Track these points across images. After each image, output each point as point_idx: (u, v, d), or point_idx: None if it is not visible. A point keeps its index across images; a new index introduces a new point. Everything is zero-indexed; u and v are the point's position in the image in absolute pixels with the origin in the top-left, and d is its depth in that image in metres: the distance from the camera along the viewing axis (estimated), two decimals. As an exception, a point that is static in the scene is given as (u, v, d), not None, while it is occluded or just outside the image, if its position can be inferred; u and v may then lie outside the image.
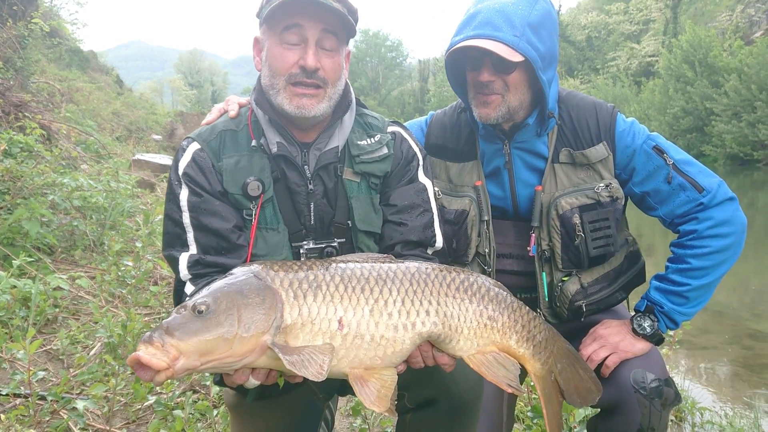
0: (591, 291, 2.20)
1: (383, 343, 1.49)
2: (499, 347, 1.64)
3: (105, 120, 15.21)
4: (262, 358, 1.45)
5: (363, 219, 1.92)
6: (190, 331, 1.39)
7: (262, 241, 1.85)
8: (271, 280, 1.50)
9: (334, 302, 1.48)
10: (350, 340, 1.47)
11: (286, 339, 1.45)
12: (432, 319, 1.55)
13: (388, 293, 1.53)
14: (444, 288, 1.58)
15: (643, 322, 2.11)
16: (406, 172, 2.02)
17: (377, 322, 1.49)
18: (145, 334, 1.38)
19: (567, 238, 2.14)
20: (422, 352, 1.61)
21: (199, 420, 3.08)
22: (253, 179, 1.83)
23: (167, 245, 1.85)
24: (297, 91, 1.82)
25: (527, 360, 1.70)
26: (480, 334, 1.60)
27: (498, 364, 1.60)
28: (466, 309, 1.60)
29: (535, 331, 1.70)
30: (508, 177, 2.23)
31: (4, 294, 3.86)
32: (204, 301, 1.43)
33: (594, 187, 2.14)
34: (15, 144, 5.86)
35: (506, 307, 1.66)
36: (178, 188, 1.84)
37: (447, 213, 2.21)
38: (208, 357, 1.40)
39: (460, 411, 1.90)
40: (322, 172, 1.93)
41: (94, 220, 5.82)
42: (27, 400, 2.81)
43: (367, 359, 1.48)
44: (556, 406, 1.76)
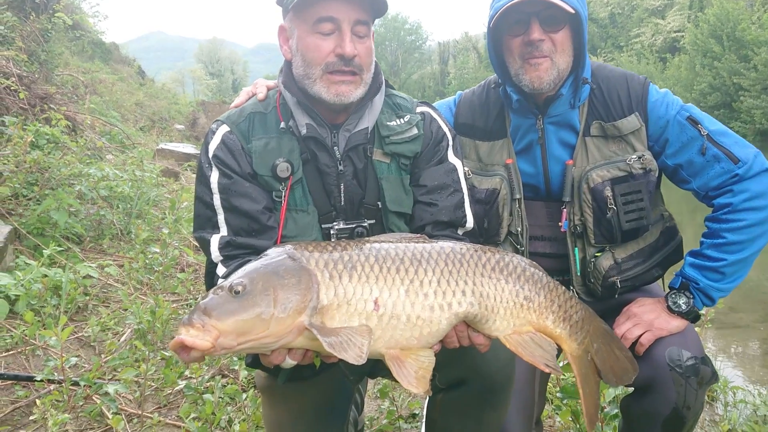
0: (625, 267, 2.16)
1: (419, 324, 1.47)
2: (536, 327, 1.62)
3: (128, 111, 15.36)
4: (299, 339, 1.44)
5: (393, 200, 1.91)
6: (227, 311, 1.38)
7: (292, 223, 1.85)
8: (306, 260, 1.48)
9: (370, 283, 1.47)
10: (386, 320, 1.45)
11: (323, 320, 1.44)
12: (468, 300, 1.53)
13: (424, 273, 1.51)
14: (480, 268, 1.56)
15: (678, 299, 2.06)
16: (435, 152, 2.00)
17: (413, 302, 1.48)
18: (184, 317, 1.39)
19: (599, 211, 2.10)
20: (458, 333, 1.59)
21: (229, 404, 3.11)
22: (282, 161, 1.83)
23: (198, 227, 1.87)
24: (335, 79, 1.82)
25: (563, 340, 1.67)
26: (516, 314, 1.58)
27: (535, 344, 1.58)
28: (502, 289, 1.57)
29: (571, 311, 1.67)
30: (541, 153, 2.19)
31: (35, 283, 3.93)
32: (241, 282, 1.43)
33: (626, 159, 2.09)
34: (41, 136, 5.94)
35: (542, 287, 1.63)
36: (209, 170, 1.85)
37: (477, 193, 2.19)
38: (245, 337, 1.40)
39: (491, 391, 1.89)
40: (352, 153, 1.92)
41: (120, 209, 5.89)
42: (61, 386, 2.86)
43: (403, 340, 1.47)
44: (593, 386, 1.74)
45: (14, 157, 5.10)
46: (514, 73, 2.11)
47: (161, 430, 2.94)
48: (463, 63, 74.32)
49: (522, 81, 2.08)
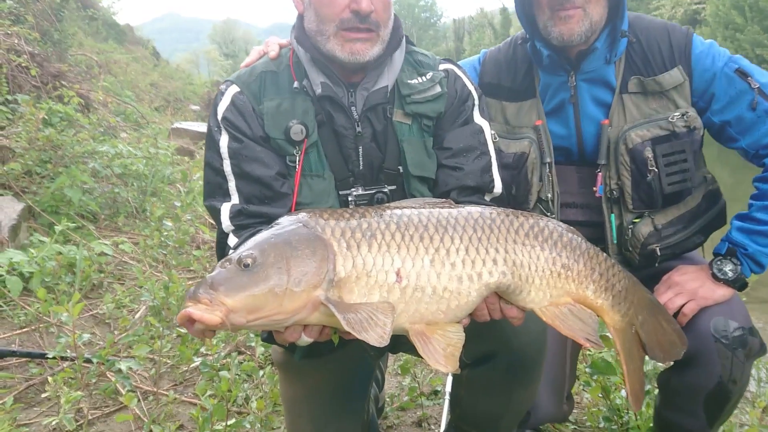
0: (665, 234, 2.02)
1: (446, 296, 1.35)
2: (575, 298, 1.48)
3: (143, 91, 15.31)
4: (314, 315, 1.33)
5: (416, 163, 1.79)
6: (236, 286, 1.27)
7: (307, 189, 1.73)
8: (321, 229, 1.36)
9: (391, 252, 1.34)
10: (410, 293, 1.33)
11: (340, 294, 1.32)
12: (500, 269, 1.40)
13: (450, 241, 1.38)
14: (512, 234, 1.43)
15: (725, 267, 1.93)
16: (460, 112, 1.86)
17: (439, 273, 1.35)
18: (189, 290, 1.28)
19: (638, 174, 1.96)
20: (489, 305, 1.47)
21: (246, 380, 3.05)
22: (296, 123, 1.72)
23: (208, 195, 1.76)
24: (350, 36, 1.70)
25: (605, 312, 1.54)
26: (553, 284, 1.45)
27: (574, 317, 1.45)
28: (538, 257, 1.44)
29: (614, 279, 1.53)
30: (573, 113, 2.04)
31: (49, 260, 3.88)
32: (250, 254, 1.32)
33: (668, 117, 1.94)
34: (54, 114, 5.87)
35: (582, 253, 1.49)
36: (218, 134, 1.74)
37: (505, 157, 2.05)
38: (256, 314, 1.29)
39: (521, 366, 1.79)
40: (371, 114, 1.79)
41: (135, 187, 5.83)
42: (73, 363, 2.80)
43: (429, 314, 1.35)
44: (637, 361, 1.60)
45: (26, 134, 5.04)
46: (543, 25, 1.95)
47: (177, 407, 2.88)
48: (479, 39, 73.11)
49: (551, 34, 1.93)
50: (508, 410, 1.90)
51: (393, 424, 2.81)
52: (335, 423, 1.93)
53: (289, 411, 2.00)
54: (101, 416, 2.76)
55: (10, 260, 3.70)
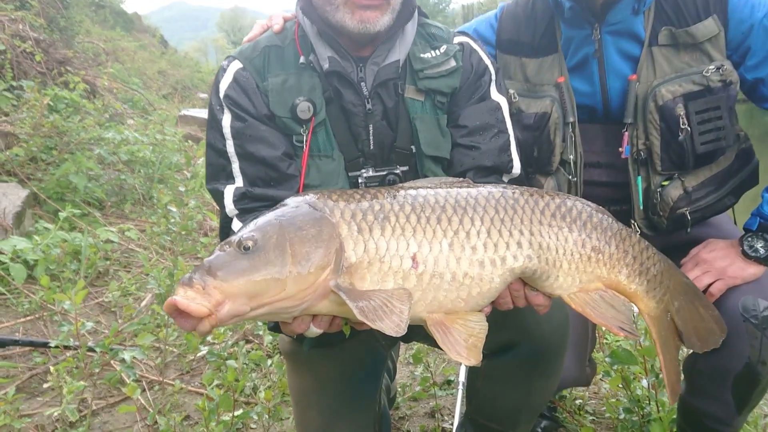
0: (696, 196, 1.89)
1: (467, 283, 1.23)
2: (606, 283, 1.36)
3: (151, 79, 15.24)
4: (323, 303, 1.23)
5: (429, 142, 1.68)
6: (235, 270, 1.17)
7: (315, 170, 1.63)
8: (330, 211, 1.25)
9: (406, 236, 1.23)
10: (427, 279, 1.22)
11: (351, 281, 1.21)
12: (525, 252, 1.28)
13: (471, 223, 1.26)
14: (537, 214, 1.31)
15: (756, 243, 1.80)
16: (477, 87, 1.75)
17: (459, 257, 1.24)
18: (184, 276, 1.17)
19: (668, 133, 1.82)
20: (512, 292, 1.36)
21: (254, 370, 2.98)
22: (303, 100, 1.61)
23: (211, 178, 1.66)
24: (360, 3, 1.58)
25: (639, 298, 1.42)
26: (583, 268, 1.33)
27: (606, 304, 1.33)
28: (566, 239, 1.32)
29: (648, 263, 1.41)
30: (598, 68, 1.90)
31: (54, 248, 3.82)
32: (251, 236, 1.21)
33: (702, 71, 1.79)
34: (60, 100, 5.80)
35: (613, 235, 1.37)
36: (220, 113, 1.64)
37: (525, 118, 1.92)
38: (258, 301, 1.18)
39: (543, 357, 1.69)
40: (381, 90, 1.68)
41: (142, 174, 5.76)
42: (76, 353, 2.73)
43: (448, 302, 1.24)
44: (673, 351, 1.49)
45: (31, 120, 4.97)
46: None
47: (183, 397, 2.81)
48: (488, 25, 72.31)
49: None
50: (528, 402, 1.80)
51: (405, 414, 2.73)
52: (346, 415, 1.84)
53: (297, 403, 1.91)
54: (105, 406, 2.70)
55: (14, 247, 3.64)
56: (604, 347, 3.37)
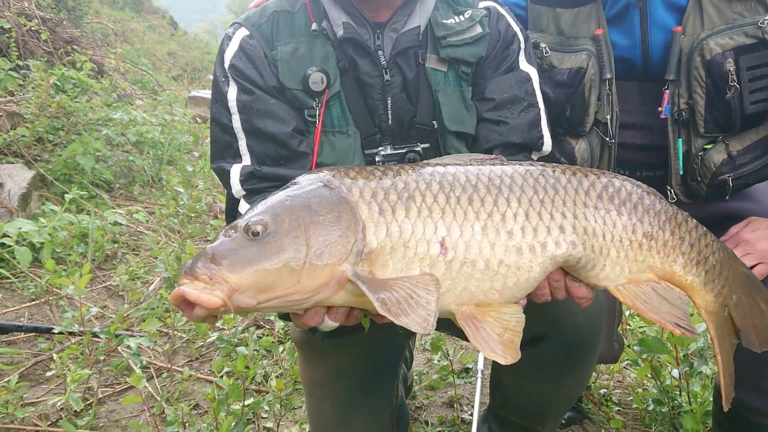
0: (741, 162, 1.75)
1: (502, 272, 1.10)
2: (659, 274, 1.22)
3: (160, 60, 15.12)
4: (339, 294, 1.10)
5: (452, 117, 1.55)
6: (243, 259, 1.05)
7: (329, 147, 1.50)
8: (348, 190, 1.12)
9: (434, 218, 1.10)
10: (457, 267, 1.09)
11: (371, 269, 1.08)
12: (569, 238, 1.14)
13: (506, 204, 1.12)
14: (582, 196, 1.17)
15: None
16: (504, 57, 1.61)
17: (493, 243, 1.10)
18: (186, 264, 1.05)
19: (714, 91, 1.67)
20: (552, 282, 1.22)
21: (264, 357, 2.89)
22: (316, 70, 1.47)
23: (216, 156, 1.54)
24: None
25: (696, 290, 1.27)
26: (633, 256, 1.19)
27: (659, 297, 1.19)
28: (614, 223, 1.18)
29: (707, 251, 1.26)
30: (639, 19, 1.74)
31: (61, 230, 3.72)
32: (260, 220, 1.08)
33: (756, 22, 1.63)
34: (67, 80, 5.68)
35: (668, 219, 1.23)
36: (225, 85, 1.51)
37: (558, 73, 1.78)
38: (268, 293, 1.06)
39: (575, 349, 1.58)
40: (401, 60, 1.55)
41: (150, 155, 5.65)
42: (81, 339, 2.64)
43: (480, 293, 1.10)
44: (729, 350, 1.34)
45: (36, 100, 4.85)
46: None
47: (192, 385, 2.72)
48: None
49: None
50: (557, 397, 1.69)
51: (422, 404, 2.62)
52: (361, 408, 1.74)
53: (310, 394, 1.80)
54: (112, 394, 2.61)
55: (19, 230, 3.54)
56: (627, 334, 3.24)
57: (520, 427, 1.79)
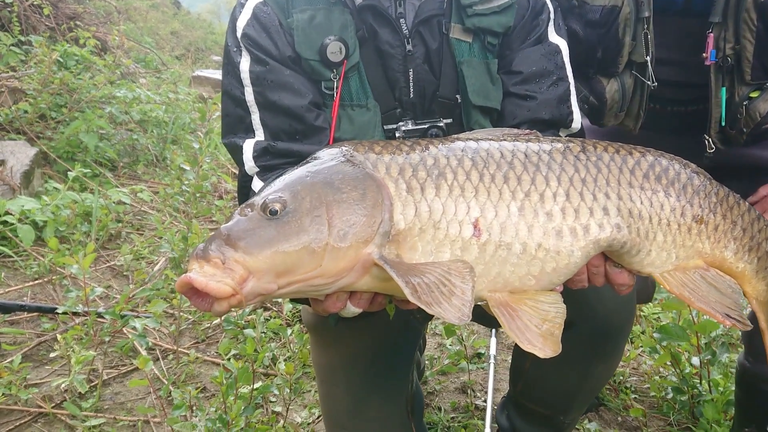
0: None
1: (540, 256, 1.02)
2: (709, 261, 1.14)
3: (163, 39, 14.92)
4: (364, 279, 1.02)
5: (477, 90, 1.46)
6: (261, 240, 0.97)
7: (347, 122, 1.42)
8: (373, 166, 1.04)
9: (466, 197, 1.02)
10: (491, 251, 1.01)
11: (399, 251, 1.00)
12: (613, 221, 1.06)
13: (545, 183, 1.04)
14: (627, 175, 1.08)
15: None
16: (533, 27, 1.52)
17: (530, 225, 1.02)
18: (198, 247, 0.97)
19: (765, 36, 1.54)
20: (591, 268, 1.14)
21: (272, 339, 2.84)
22: (334, 39, 1.38)
23: (228, 131, 1.46)
24: None
25: (747, 279, 1.19)
26: (681, 241, 1.11)
27: (708, 286, 1.11)
28: (661, 205, 1.09)
29: (760, 236, 1.17)
30: None
31: (64, 209, 3.65)
32: (279, 197, 1.00)
33: None
34: (70, 56, 5.58)
35: (719, 202, 1.14)
36: (238, 56, 1.42)
37: (590, 11, 1.66)
38: (288, 277, 0.99)
39: (604, 337, 1.51)
40: (423, 29, 1.46)
41: (155, 134, 5.57)
42: (85, 319, 2.58)
43: (516, 279, 1.02)
44: None
45: (39, 76, 4.76)
46: None
47: (199, 367, 2.67)
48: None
49: None
50: (583, 387, 1.62)
51: (434, 390, 2.57)
52: (376, 394, 1.68)
53: (323, 380, 1.74)
54: (117, 376, 2.56)
55: (22, 208, 3.47)
56: (641, 320, 3.17)
57: (541, 417, 1.72)
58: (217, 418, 2.04)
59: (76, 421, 2.23)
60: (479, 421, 2.33)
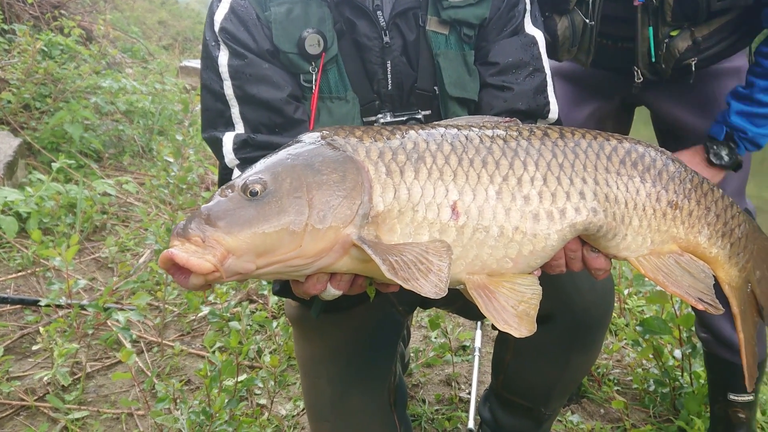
0: (705, 46, 1.78)
1: (518, 239, 1.03)
2: (683, 246, 1.16)
3: (150, 29, 14.79)
4: (343, 260, 1.03)
5: (454, 82, 1.47)
6: (241, 220, 0.97)
7: (326, 114, 1.43)
8: (353, 149, 1.04)
9: (445, 180, 1.02)
10: (469, 234, 1.01)
11: (378, 233, 1.01)
12: (589, 204, 1.07)
13: (523, 168, 1.05)
14: (603, 160, 1.09)
15: (721, 151, 1.81)
16: (509, 19, 1.52)
17: (508, 208, 1.03)
18: (178, 225, 0.97)
19: None
20: (568, 252, 1.15)
21: (258, 332, 2.82)
22: (312, 32, 1.38)
23: (208, 125, 1.45)
24: None
25: (720, 264, 1.21)
26: (657, 226, 1.12)
27: (682, 270, 1.13)
28: (637, 190, 1.11)
29: (732, 223, 1.19)
30: None
31: (48, 200, 3.62)
32: (259, 179, 1.01)
33: None
34: (54, 46, 5.51)
35: (693, 188, 1.16)
36: (216, 50, 1.42)
37: None
38: (267, 258, 0.99)
39: (583, 330, 1.52)
40: (400, 21, 1.46)
41: (141, 125, 5.52)
42: (68, 312, 2.56)
43: (493, 261, 1.03)
44: (751, 328, 1.29)
45: (22, 65, 4.70)
46: None
47: (183, 359, 2.66)
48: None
49: None
50: (562, 379, 1.63)
51: (419, 382, 2.57)
52: (358, 386, 1.67)
53: (306, 372, 1.74)
54: (101, 369, 2.54)
55: (5, 199, 3.44)
56: (625, 313, 3.20)
57: (522, 408, 1.74)
58: (201, 411, 2.03)
59: (59, 414, 2.22)
60: (463, 413, 2.34)
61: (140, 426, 2.21)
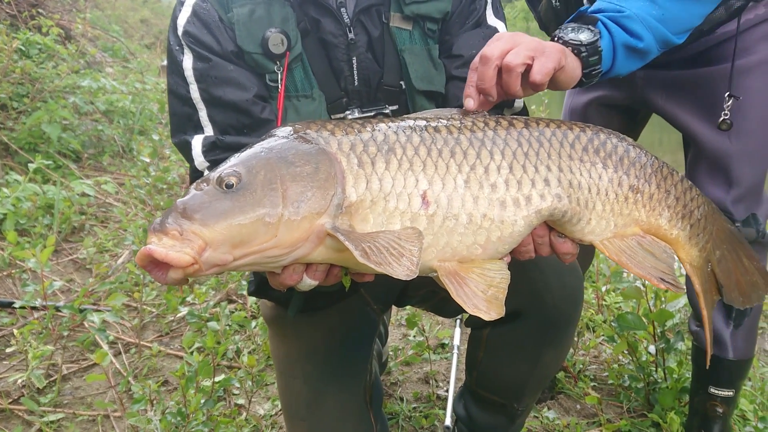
0: None
1: (486, 226, 1.06)
2: (645, 228, 1.20)
3: (132, 27, 14.68)
4: (318, 249, 1.04)
5: (420, 77, 1.49)
6: (217, 212, 0.98)
7: (293, 113, 1.44)
8: (326, 141, 1.06)
9: (415, 171, 1.05)
10: (439, 222, 1.04)
11: (351, 222, 1.03)
12: (554, 191, 1.10)
13: (489, 157, 1.08)
14: (567, 148, 1.13)
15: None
16: (471, 11, 1.54)
17: (476, 196, 1.06)
18: (155, 221, 0.98)
19: None
20: (536, 238, 1.18)
21: (237, 332, 2.82)
22: (275, 32, 1.39)
23: (177, 129, 1.45)
24: None
25: (681, 245, 1.25)
26: (619, 210, 1.16)
27: (644, 252, 1.16)
28: (600, 176, 1.14)
29: (692, 205, 1.24)
30: None
31: (25, 201, 3.59)
32: (234, 172, 1.02)
33: None
34: (32, 45, 5.46)
35: (654, 172, 1.20)
36: (180, 54, 1.41)
37: None
38: (244, 249, 1.00)
39: (554, 326, 1.55)
40: (364, 18, 1.48)
41: (121, 125, 5.48)
42: (43, 314, 2.54)
43: (463, 248, 1.06)
44: (711, 306, 1.34)
45: (-1, 65, 4.66)
46: None
47: (162, 360, 2.64)
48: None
49: None
50: (534, 374, 1.66)
51: (397, 380, 2.59)
52: (334, 385, 1.68)
53: (281, 372, 1.75)
54: (78, 371, 2.52)
55: (-20, 200, 3.41)
56: (603, 309, 3.25)
57: (496, 404, 1.76)
58: (177, 412, 2.02)
59: (33, 416, 2.19)
60: (440, 410, 2.35)
61: (117, 428, 2.19)
